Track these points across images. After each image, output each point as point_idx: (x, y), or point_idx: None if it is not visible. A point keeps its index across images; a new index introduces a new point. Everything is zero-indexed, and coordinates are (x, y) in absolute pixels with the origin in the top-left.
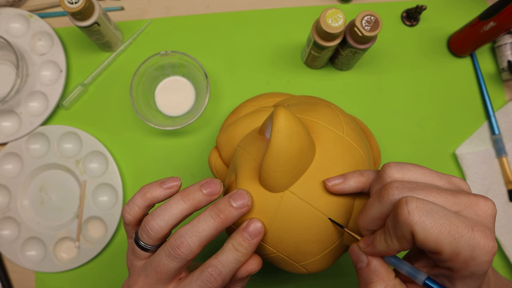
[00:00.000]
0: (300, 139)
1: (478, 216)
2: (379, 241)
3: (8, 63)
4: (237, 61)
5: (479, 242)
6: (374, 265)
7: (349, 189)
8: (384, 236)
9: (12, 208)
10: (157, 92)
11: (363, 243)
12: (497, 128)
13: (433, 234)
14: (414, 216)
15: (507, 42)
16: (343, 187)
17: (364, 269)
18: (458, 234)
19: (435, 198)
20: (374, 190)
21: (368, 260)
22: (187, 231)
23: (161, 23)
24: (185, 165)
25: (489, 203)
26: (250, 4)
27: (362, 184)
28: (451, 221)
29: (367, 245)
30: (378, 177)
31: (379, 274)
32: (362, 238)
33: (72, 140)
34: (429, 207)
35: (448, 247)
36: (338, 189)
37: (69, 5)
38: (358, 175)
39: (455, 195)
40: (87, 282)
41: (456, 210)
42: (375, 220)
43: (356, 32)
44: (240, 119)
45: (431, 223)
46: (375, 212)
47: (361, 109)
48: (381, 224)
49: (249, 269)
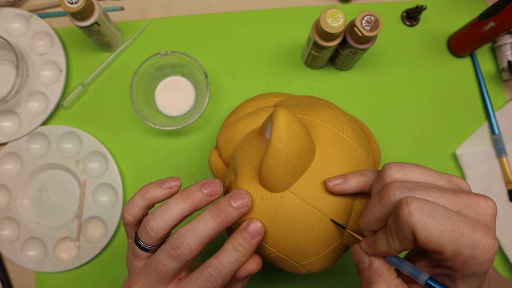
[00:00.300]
0: (300, 139)
1: (479, 215)
2: (380, 242)
3: (8, 63)
4: (237, 61)
5: (480, 241)
6: (376, 265)
7: (349, 189)
8: (385, 237)
9: (12, 208)
10: (157, 92)
11: (365, 243)
12: (497, 128)
13: (434, 234)
14: (415, 216)
15: (507, 42)
16: (343, 187)
17: (366, 270)
18: (459, 234)
19: (436, 197)
20: (374, 190)
21: (370, 260)
22: (187, 231)
23: (161, 23)
24: (185, 165)
25: (489, 202)
26: (250, 4)
27: (362, 184)
28: (452, 221)
29: (369, 245)
30: (379, 178)
31: (381, 274)
32: (364, 239)
33: (72, 140)
34: (430, 207)
35: (449, 247)
36: (338, 189)
37: (69, 5)
38: (358, 175)
39: (456, 194)
40: (87, 282)
41: (457, 210)
42: (376, 221)
43: (356, 32)
44: (240, 119)
45: (432, 223)
46: (376, 212)
47: (361, 109)
48: (382, 224)
49: (249, 269)
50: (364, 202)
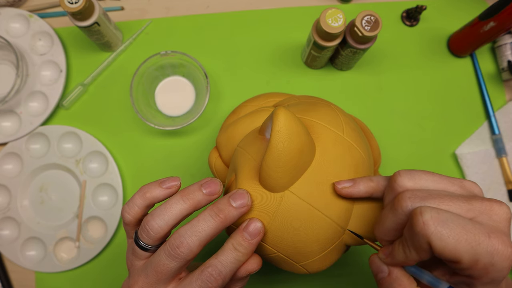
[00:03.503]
0: (300, 139)
1: (493, 221)
2: (398, 252)
3: (8, 63)
4: (237, 61)
5: (497, 248)
6: (395, 274)
7: (358, 194)
8: (402, 247)
9: (12, 208)
10: (157, 92)
11: (383, 253)
12: (497, 128)
13: (450, 244)
14: (429, 227)
15: (507, 42)
16: (352, 191)
17: (386, 279)
18: (475, 242)
19: (449, 206)
20: (387, 200)
21: (389, 270)
22: (187, 231)
23: (161, 23)
24: (185, 165)
25: (503, 207)
26: (250, 4)
27: (371, 189)
28: (467, 230)
29: (387, 255)
30: (389, 187)
31: (401, 283)
32: (381, 249)
33: (72, 140)
34: (444, 216)
35: (466, 256)
36: (347, 193)
37: (69, 5)
38: (367, 180)
39: (469, 201)
40: (87, 282)
41: (471, 217)
42: (391, 231)
43: (356, 32)
44: (240, 119)
45: (447, 232)
46: (390, 223)
47: (361, 109)
48: (397, 234)
49: (249, 269)
50: (364, 203)
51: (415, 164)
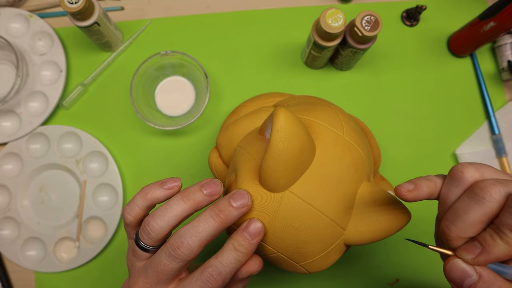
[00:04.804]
0: (300, 139)
1: None
2: (495, 245)
3: (8, 63)
4: (237, 61)
5: None
6: (487, 276)
7: (422, 196)
8: (498, 238)
9: (12, 208)
10: (157, 92)
11: (469, 253)
12: (497, 128)
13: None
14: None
15: (507, 42)
16: (418, 195)
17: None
18: None
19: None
20: (453, 194)
21: (478, 272)
22: (187, 231)
23: (161, 23)
24: (185, 165)
25: None
26: (250, 4)
27: (432, 189)
28: None
29: (476, 255)
30: (455, 180)
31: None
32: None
33: (72, 140)
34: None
35: None
36: (413, 196)
37: (69, 5)
38: (426, 181)
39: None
40: (87, 282)
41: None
42: (476, 224)
43: (356, 32)
44: (240, 119)
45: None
46: (475, 215)
47: (361, 109)
48: (482, 227)
49: (250, 270)
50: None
51: (415, 164)
